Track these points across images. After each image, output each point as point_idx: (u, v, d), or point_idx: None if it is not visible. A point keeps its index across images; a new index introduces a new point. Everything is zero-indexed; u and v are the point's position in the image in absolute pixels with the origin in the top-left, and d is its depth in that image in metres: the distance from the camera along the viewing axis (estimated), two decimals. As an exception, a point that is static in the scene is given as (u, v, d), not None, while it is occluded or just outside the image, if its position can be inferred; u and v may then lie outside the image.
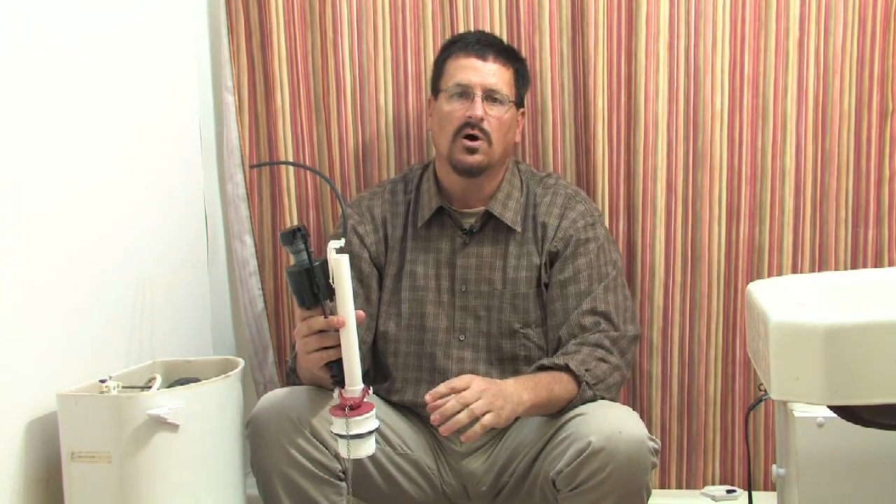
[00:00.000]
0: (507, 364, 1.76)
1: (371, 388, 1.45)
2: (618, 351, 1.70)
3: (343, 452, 1.42)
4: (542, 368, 1.65)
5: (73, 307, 1.64)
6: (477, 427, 1.50)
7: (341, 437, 1.41)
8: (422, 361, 1.79)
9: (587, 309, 1.71)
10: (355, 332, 1.42)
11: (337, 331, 1.43)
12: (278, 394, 1.64)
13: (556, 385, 1.61)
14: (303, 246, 1.41)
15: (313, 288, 1.42)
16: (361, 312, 1.46)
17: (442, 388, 1.52)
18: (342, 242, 1.40)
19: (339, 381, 1.44)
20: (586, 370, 1.63)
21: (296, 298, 1.46)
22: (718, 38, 1.92)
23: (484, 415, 1.50)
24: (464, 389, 1.51)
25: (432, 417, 1.50)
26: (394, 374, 1.81)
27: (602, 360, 1.67)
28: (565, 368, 1.63)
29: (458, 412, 1.49)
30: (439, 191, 1.82)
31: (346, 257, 1.39)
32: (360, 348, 1.49)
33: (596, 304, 1.72)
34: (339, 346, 1.43)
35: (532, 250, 1.78)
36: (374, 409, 1.43)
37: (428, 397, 1.52)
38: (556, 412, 1.63)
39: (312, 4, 2.04)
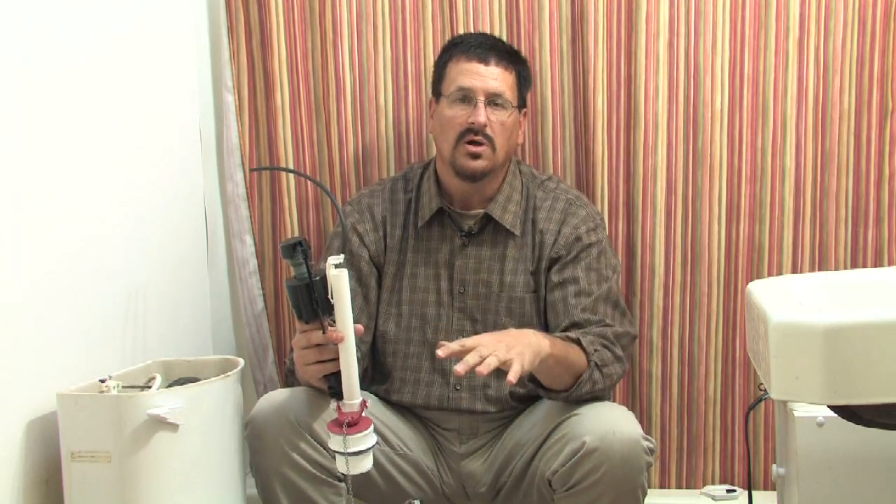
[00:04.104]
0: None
1: (368, 402, 1.45)
2: (620, 345, 1.69)
3: (341, 468, 1.42)
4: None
5: (73, 307, 1.64)
6: (511, 374, 1.41)
7: (339, 453, 1.41)
8: (421, 362, 1.79)
9: (588, 306, 1.70)
10: (354, 346, 1.42)
11: (336, 345, 1.43)
12: (277, 395, 1.64)
13: (571, 350, 1.59)
14: (303, 260, 1.40)
15: (313, 303, 1.42)
16: (360, 326, 1.45)
17: (454, 345, 1.45)
18: (341, 258, 1.40)
19: (337, 393, 1.44)
20: (595, 350, 1.62)
21: (294, 312, 1.46)
22: (718, 38, 1.92)
23: (507, 361, 1.42)
24: (474, 347, 1.44)
25: (457, 368, 1.40)
26: (393, 374, 1.81)
27: (606, 347, 1.65)
28: (577, 342, 1.61)
29: (480, 361, 1.41)
30: (440, 191, 1.82)
31: (345, 273, 1.39)
32: (359, 348, 1.50)
33: (597, 306, 1.71)
34: (337, 359, 1.43)
35: (529, 255, 1.78)
36: (372, 426, 1.43)
37: (441, 352, 1.44)
38: (566, 388, 1.59)
39: (312, 4, 2.04)
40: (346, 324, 1.41)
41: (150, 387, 1.62)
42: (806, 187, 1.93)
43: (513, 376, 1.42)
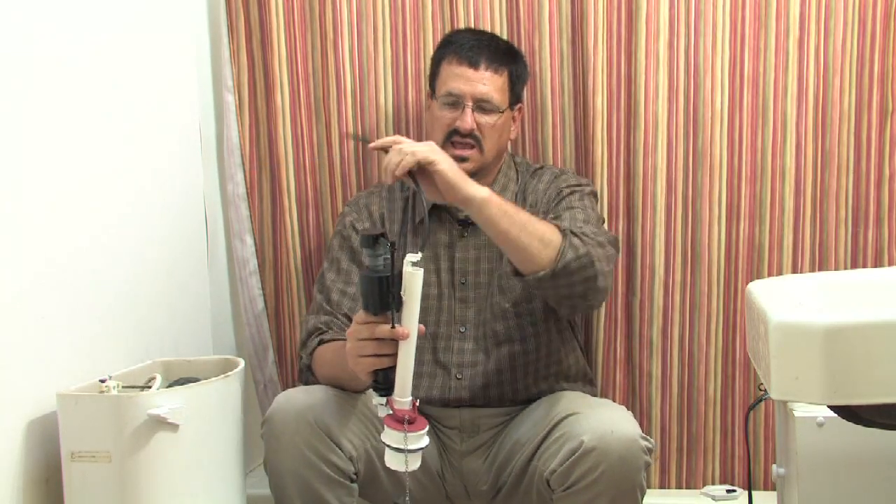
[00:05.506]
0: (503, 347, 1.77)
1: (418, 400, 1.45)
2: (604, 236, 1.67)
3: (396, 466, 1.42)
4: None
5: (73, 307, 1.64)
6: (408, 156, 1.51)
7: (399, 450, 1.41)
8: (423, 355, 1.79)
9: (575, 226, 1.66)
10: (414, 345, 1.42)
11: (394, 340, 1.43)
12: (295, 394, 1.63)
13: (537, 221, 1.58)
14: (383, 252, 1.41)
15: (387, 296, 1.42)
16: (423, 327, 1.45)
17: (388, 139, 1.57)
18: (419, 256, 1.40)
19: (382, 389, 1.44)
20: (569, 227, 1.60)
21: (362, 302, 1.45)
22: (718, 38, 1.92)
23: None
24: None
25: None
26: (395, 369, 1.80)
27: (583, 233, 1.62)
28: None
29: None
30: None
31: (420, 272, 1.39)
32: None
33: (585, 228, 1.66)
34: (391, 355, 1.43)
35: None
36: (428, 426, 1.44)
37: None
38: (548, 263, 1.56)
39: (312, 4, 2.04)
40: (412, 322, 1.41)
41: (150, 387, 1.62)
42: (806, 187, 1.93)
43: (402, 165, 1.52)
